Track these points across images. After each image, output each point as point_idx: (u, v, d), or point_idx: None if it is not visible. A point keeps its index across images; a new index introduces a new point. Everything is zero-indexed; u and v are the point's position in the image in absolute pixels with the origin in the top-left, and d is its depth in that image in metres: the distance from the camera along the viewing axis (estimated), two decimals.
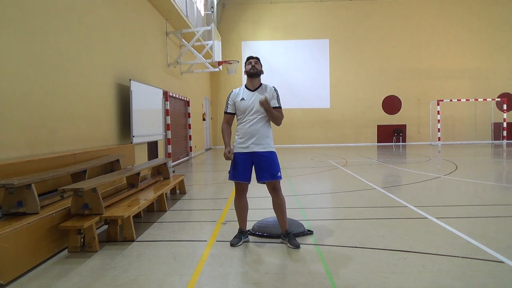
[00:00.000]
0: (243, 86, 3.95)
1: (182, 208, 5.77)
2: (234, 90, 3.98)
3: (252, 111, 3.79)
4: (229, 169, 3.91)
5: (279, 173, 3.82)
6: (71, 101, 5.79)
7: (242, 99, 3.84)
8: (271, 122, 3.92)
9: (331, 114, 20.64)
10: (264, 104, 3.68)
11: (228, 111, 3.94)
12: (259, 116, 3.79)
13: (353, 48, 20.46)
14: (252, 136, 3.78)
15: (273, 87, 3.94)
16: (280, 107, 3.88)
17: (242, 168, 3.79)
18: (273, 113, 3.77)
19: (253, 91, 3.87)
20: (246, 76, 3.94)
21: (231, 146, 3.87)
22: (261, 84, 3.94)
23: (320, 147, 19.71)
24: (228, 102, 3.94)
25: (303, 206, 5.62)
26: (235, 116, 3.95)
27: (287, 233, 3.83)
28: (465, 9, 20.18)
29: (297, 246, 3.69)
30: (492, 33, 20.10)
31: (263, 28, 20.62)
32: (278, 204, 3.84)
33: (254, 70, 3.84)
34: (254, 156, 3.79)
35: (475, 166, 10.44)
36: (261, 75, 3.95)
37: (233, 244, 3.81)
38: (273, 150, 3.89)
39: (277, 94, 3.90)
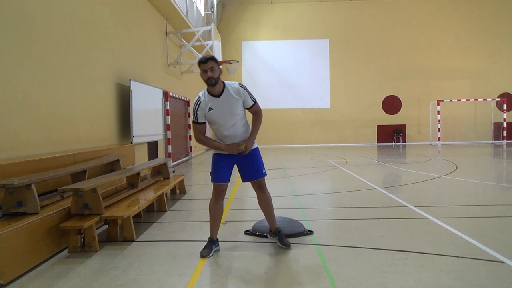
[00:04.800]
0: (206, 93, 3.50)
1: (182, 208, 5.77)
2: (199, 95, 3.52)
3: (224, 119, 3.47)
4: (210, 171, 3.67)
5: (264, 169, 3.66)
6: (71, 101, 5.78)
7: (210, 109, 3.45)
8: (246, 120, 3.66)
9: (331, 114, 20.65)
10: (247, 150, 3.48)
11: (199, 121, 3.55)
12: (233, 121, 3.49)
13: (353, 48, 20.46)
14: (229, 139, 3.55)
15: (239, 85, 3.52)
16: (255, 102, 3.58)
17: (224, 169, 3.57)
18: (255, 132, 3.56)
19: (218, 96, 3.45)
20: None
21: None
22: (224, 86, 3.47)
23: (320, 147, 19.71)
24: (198, 112, 3.52)
25: (303, 206, 5.61)
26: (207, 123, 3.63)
27: (277, 231, 3.75)
28: (465, 9, 20.19)
29: (287, 245, 3.65)
30: (492, 33, 20.10)
31: (263, 28, 20.63)
32: (265, 201, 3.72)
33: (211, 81, 3.36)
34: (234, 158, 3.59)
35: (475, 166, 10.44)
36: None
37: (203, 255, 3.48)
38: (255, 147, 3.67)
39: (247, 91, 3.52)
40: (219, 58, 13.64)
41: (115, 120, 7.51)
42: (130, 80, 7.79)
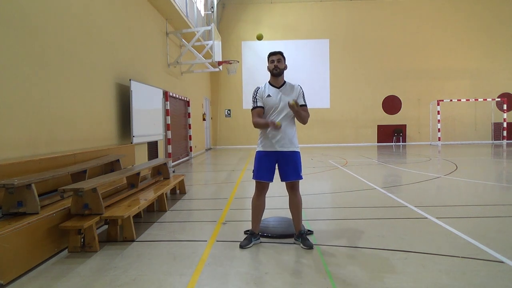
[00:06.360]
0: (267, 83, 3.87)
1: (182, 208, 5.77)
2: (259, 86, 3.89)
3: (278, 110, 3.73)
4: (252, 168, 3.87)
5: (300, 173, 3.81)
6: (71, 101, 5.79)
7: (269, 95, 3.77)
8: (295, 120, 3.86)
9: (331, 114, 20.64)
10: (294, 107, 3.55)
11: (258, 104, 3.80)
12: (284, 115, 3.72)
13: (353, 48, 20.46)
14: (277, 136, 3.73)
15: (299, 85, 3.86)
16: (305, 105, 3.80)
17: (266, 168, 3.76)
18: (301, 113, 3.69)
19: (278, 88, 3.80)
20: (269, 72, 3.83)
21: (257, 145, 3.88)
22: (285, 81, 3.86)
23: (320, 147, 19.71)
24: (256, 97, 3.82)
25: (303, 206, 5.58)
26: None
27: (300, 234, 3.80)
28: (465, 9, 20.18)
29: (310, 247, 3.65)
30: (492, 33, 20.10)
31: (263, 28, 20.60)
32: (295, 203, 3.85)
33: (277, 70, 3.75)
34: (278, 156, 3.75)
35: (475, 166, 10.44)
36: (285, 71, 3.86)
37: (242, 245, 3.74)
38: (297, 150, 3.82)
39: (303, 93, 3.84)
40: (219, 58, 13.64)
41: (115, 120, 7.51)
42: (130, 80, 7.79)
